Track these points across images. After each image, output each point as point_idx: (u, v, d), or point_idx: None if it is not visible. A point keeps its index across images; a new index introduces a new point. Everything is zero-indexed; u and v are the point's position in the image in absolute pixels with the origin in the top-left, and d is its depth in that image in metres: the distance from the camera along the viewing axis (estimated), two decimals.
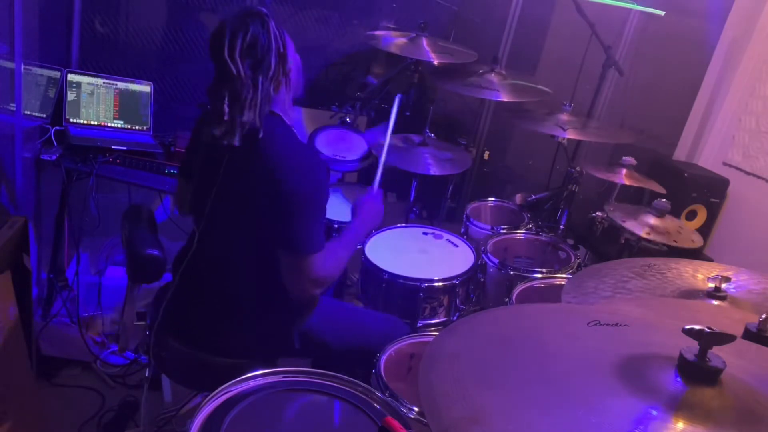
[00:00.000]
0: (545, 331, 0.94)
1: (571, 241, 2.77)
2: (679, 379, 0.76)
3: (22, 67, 2.06)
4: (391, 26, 3.02)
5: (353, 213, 1.83)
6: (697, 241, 2.03)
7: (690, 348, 0.77)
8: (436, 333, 1.68)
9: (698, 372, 0.75)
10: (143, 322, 2.32)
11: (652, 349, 0.84)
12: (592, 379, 0.79)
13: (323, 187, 1.55)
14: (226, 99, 1.47)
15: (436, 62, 2.53)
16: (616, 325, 0.92)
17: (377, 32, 2.79)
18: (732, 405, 0.74)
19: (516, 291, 1.99)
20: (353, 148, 2.59)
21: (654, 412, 0.72)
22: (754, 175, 3.06)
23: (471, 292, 2.17)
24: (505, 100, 2.48)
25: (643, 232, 1.99)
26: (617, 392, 0.76)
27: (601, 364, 0.81)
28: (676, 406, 0.73)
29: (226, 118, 1.47)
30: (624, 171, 2.32)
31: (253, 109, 1.48)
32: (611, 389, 0.77)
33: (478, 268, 2.16)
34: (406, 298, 1.96)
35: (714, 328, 0.75)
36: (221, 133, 1.49)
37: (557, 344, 0.89)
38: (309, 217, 1.52)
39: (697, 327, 0.75)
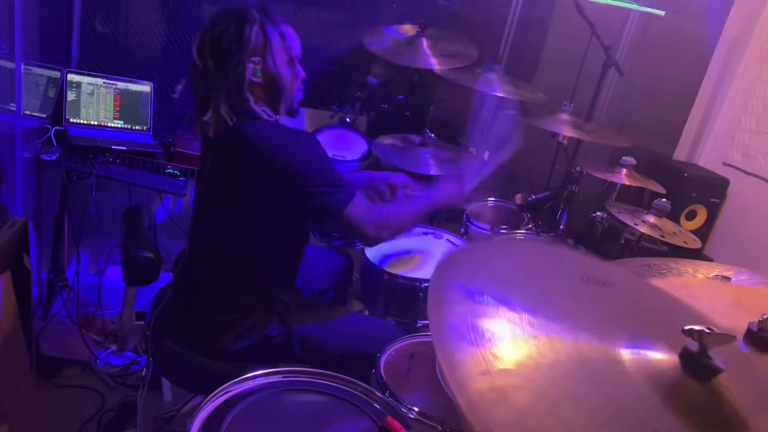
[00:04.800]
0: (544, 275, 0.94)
1: (571, 241, 2.76)
2: (680, 365, 0.76)
3: (22, 67, 2.06)
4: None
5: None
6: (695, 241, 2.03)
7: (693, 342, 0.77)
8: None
9: (697, 366, 0.75)
10: (142, 322, 2.33)
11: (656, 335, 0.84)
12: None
13: (314, 144, 1.54)
14: (198, 93, 1.55)
15: (436, 68, 2.53)
16: (603, 284, 0.92)
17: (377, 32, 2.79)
18: (718, 406, 0.74)
19: None
20: (353, 148, 2.59)
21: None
22: (754, 175, 3.06)
23: None
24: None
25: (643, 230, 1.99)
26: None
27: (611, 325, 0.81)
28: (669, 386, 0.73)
29: (200, 112, 1.54)
30: (624, 171, 2.32)
31: (221, 103, 1.50)
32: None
33: None
34: (406, 298, 1.96)
35: (714, 328, 0.75)
36: (199, 126, 1.56)
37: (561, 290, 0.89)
38: (319, 175, 1.51)
39: (697, 327, 0.75)
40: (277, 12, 1.58)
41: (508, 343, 0.74)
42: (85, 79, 2.49)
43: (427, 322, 2.00)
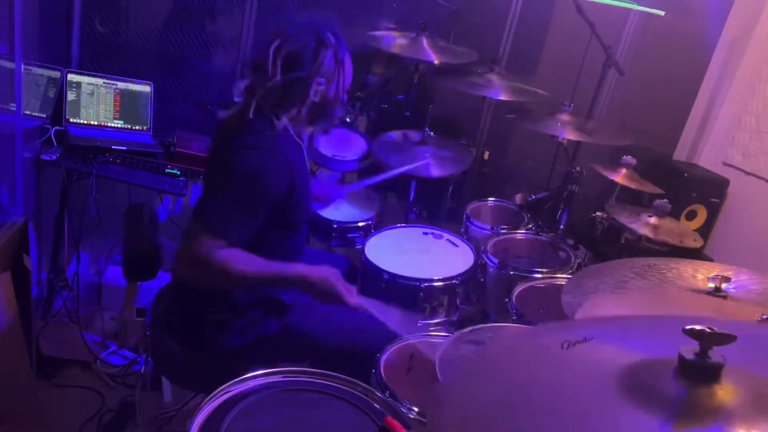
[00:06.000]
0: (523, 365, 0.91)
1: (571, 241, 2.76)
2: (681, 382, 0.76)
3: (22, 67, 2.06)
4: (391, 26, 3.01)
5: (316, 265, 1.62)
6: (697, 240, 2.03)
7: (689, 348, 0.76)
8: (437, 333, 1.69)
9: (700, 371, 0.75)
10: (142, 319, 2.33)
11: (651, 353, 0.83)
12: (597, 399, 0.78)
13: (264, 182, 1.50)
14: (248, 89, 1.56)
15: (436, 61, 2.53)
16: (585, 340, 0.90)
17: (377, 32, 2.79)
18: (739, 397, 0.74)
19: (516, 291, 1.99)
20: (353, 148, 2.59)
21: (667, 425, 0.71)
22: (754, 175, 3.06)
23: (471, 292, 2.17)
24: (505, 98, 2.49)
25: (643, 232, 1.99)
26: (623, 409, 0.75)
27: (603, 382, 0.80)
28: (684, 410, 0.73)
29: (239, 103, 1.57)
30: (623, 171, 2.32)
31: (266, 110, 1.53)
32: (616, 407, 0.76)
33: (478, 268, 2.16)
34: (406, 298, 1.96)
35: (714, 328, 0.75)
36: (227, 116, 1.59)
37: (544, 374, 0.85)
38: (230, 197, 1.49)
39: (697, 327, 0.75)
40: (342, 37, 1.59)
41: None
42: (85, 79, 2.49)
43: (428, 322, 2.01)
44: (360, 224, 2.37)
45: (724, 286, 1.26)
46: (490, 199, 2.78)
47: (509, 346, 1.02)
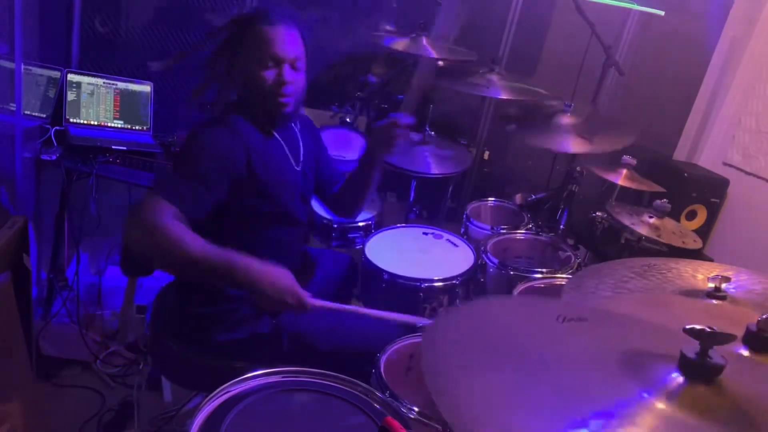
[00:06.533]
0: (520, 328, 0.95)
1: (571, 241, 2.76)
2: (679, 373, 0.76)
3: (22, 67, 2.06)
4: (391, 29, 3.01)
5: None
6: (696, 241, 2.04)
7: (690, 347, 0.77)
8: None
9: (698, 369, 0.75)
10: (142, 315, 2.33)
11: (650, 348, 0.84)
12: (597, 371, 0.79)
13: (209, 149, 1.51)
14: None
15: (435, 55, 2.53)
16: (579, 319, 0.93)
17: (377, 32, 2.79)
18: (728, 406, 0.74)
19: (516, 291, 1.99)
20: (353, 148, 2.59)
21: (645, 395, 0.73)
22: (754, 175, 3.06)
23: (471, 292, 2.17)
24: (505, 97, 2.49)
25: (644, 232, 1.99)
26: (623, 384, 0.77)
27: (605, 358, 0.81)
28: (675, 397, 0.74)
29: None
30: (624, 171, 2.32)
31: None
32: (617, 381, 0.77)
33: (478, 268, 2.16)
34: (406, 298, 1.96)
35: (714, 327, 0.75)
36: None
37: (542, 338, 0.88)
38: (177, 162, 1.59)
39: (697, 327, 0.75)
40: (277, 12, 1.58)
41: None
42: (85, 79, 2.49)
43: (428, 322, 2.00)
44: (360, 224, 2.37)
45: (724, 286, 1.26)
46: (490, 199, 2.78)
47: (507, 304, 1.04)
